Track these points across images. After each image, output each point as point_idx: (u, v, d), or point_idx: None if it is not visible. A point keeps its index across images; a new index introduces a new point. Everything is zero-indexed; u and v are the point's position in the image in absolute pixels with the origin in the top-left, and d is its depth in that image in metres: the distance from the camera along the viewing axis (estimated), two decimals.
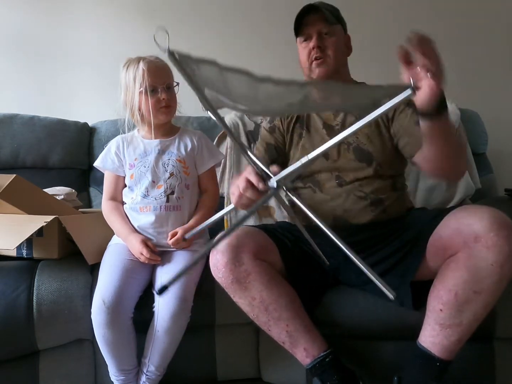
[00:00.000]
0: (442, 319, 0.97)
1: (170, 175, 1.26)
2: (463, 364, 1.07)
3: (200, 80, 0.69)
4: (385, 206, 1.18)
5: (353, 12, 2.10)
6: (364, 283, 1.13)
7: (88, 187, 1.84)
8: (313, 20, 1.22)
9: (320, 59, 1.22)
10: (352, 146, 1.21)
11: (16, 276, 1.19)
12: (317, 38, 1.22)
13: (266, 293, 1.05)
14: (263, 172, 0.88)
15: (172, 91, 1.27)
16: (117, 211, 1.28)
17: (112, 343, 1.11)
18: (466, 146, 1.09)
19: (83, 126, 1.87)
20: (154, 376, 1.15)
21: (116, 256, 1.22)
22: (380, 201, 1.18)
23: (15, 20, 2.02)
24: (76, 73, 2.05)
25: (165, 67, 1.27)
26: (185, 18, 2.07)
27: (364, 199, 1.17)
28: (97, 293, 1.12)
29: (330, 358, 1.06)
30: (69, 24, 2.04)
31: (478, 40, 2.13)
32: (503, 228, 0.92)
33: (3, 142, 1.74)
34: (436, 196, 1.77)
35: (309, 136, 1.27)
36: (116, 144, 1.32)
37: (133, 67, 1.23)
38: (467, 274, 0.94)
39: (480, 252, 0.92)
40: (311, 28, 1.23)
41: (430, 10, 2.12)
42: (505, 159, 2.08)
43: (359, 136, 1.21)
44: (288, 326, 1.07)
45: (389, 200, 1.19)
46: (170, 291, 1.12)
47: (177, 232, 1.22)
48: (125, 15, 2.06)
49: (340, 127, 1.24)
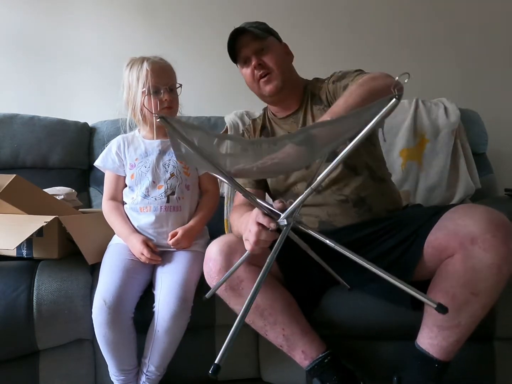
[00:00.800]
0: (440, 321, 0.97)
1: (170, 176, 1.26)
2: (463, 365, 1.07)
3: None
4: (368, 204, 1.15)
5: (353, 12, 2.12)
6: (363, 283, 1.13)
7: (88, 187, 1.84)
8: (244, 42, 1.21)
9: (265, 76, 1.21)
10: None
11: (16, 276, 1.19)
12: (255, 58, 1.21)
13: (260, 298, 1.05)
14: (271, 212, 0.88)
15: (174, 92, 1.27)
16: (117, 211, 1.28)
17: (112, 343, 1.11)
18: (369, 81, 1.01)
19: (83, 126, 1.87)
20: (154, 376, 1.15)
21: (116, 256, 1.22)
22: (362, 200, 1.15)
23: (15, 20, 2.02)
24: (76, 73, 2.05)
25: (169, 68, 1.27)
26: (185, 18, 2.07)
27: (346, 202, 1.15)
28: (98, 293, 1.12)
29: (329, 359, 1.06)
30: (69, 24, 2.04)
31: (478, 40, 2.13)
32: (500, 229, 0.91)
33: (3, 142, 1.74)
34: (436, 196, 1.77)
35: None
36: (117, 144, 1.32)
37: (137, 67, 1.23)
38: (464, 276, 0.93)
39: (477, 254, 0.92)
40: (246, 50, 1.22)
41: (430, 10, 2.13)
42: (505, 159, 2.08)
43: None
44: (285, 330, 1.07)
45: (371, 197, 1.16)
46: (170, 291, 1.12)
47: (177, 233, 1.22)
48: (125, 15, 2.06)
49: None
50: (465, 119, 1.84)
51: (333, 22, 2.09)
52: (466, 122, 1.84)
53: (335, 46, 2.08)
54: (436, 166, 1.78)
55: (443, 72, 2.11)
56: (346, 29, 2.11)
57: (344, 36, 2.11)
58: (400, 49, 2.11)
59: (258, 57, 1.21)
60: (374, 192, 1.17)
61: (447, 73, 2.12)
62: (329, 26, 2.09)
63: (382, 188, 1.20)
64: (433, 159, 1.79)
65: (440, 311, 0.76)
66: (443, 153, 1.78)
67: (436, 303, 0.76)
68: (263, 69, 1.21)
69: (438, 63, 2.10)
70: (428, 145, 1.80)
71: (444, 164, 1.78)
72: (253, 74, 1.23)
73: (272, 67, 1.21)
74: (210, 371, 0.68)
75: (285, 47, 1.30)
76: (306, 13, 2.05)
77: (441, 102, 1.87)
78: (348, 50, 2.10)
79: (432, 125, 1.81)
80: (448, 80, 2.12)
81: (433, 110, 1.85)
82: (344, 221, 1.15)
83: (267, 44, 1.22)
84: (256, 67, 1.21)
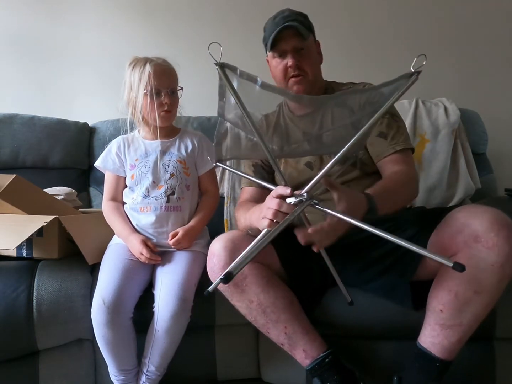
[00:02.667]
0: (442, 319, 0.97)
1: (170, 176, 1.26)
2: (463, 364, 1.07)
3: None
4: None
5: (353, 12, 2.12)
6: (364, 282, 1.13)
7: (88, 187, 1.84)
8: (287, 35, 1.17)
9: (298, 77, 1.19)
10: None
11: (16, 276, 1.19)
12: (293, 56, 1.18)
13: (263, 295, 1.05)
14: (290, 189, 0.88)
15: (175, 95, 1.27)
16: (117, 212, 1.28)
17: (112, 343, 1.11)
18: (410, 177, 1.14)
19: (83, 126, 1.87)
20: (154, 376, 1.15)
21: (116, 256, 1.22)
22: None
23: (15, 21, 2.02)
24: (76, 73, 2.05)
25: (171, 71, 1.27)
26: (184, 18, 2.07)
27: None
28: (97, 293, 1.11)
29: (329, 359, 1.06)
30: (69, 24, 2.05)
31: (478, 40, 2.13)
32: (503, 228, 0.92)
33: (3, 142, 1.74)
34: (436, 196, 1.77)
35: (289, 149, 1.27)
36: (117, 144, 1.32)
37: (139, 68, 1.23)
38: (468, 275, 0.93)
39: (481, 253, 0.92)
40: (286, 45, 1.18)
41: (431, 10, 2.13)
42: (505, 159, 2.08)
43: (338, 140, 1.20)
44: (287, 328, 1.07)
45: None
46: (170, 291, 1.12)
47: (178, 233, 1.22)
48: (125, 16, 2.07)
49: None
50: (465, 119, 1.84)
51: (333, 22, 2.09)
52: (466, 122, 1.84)
53: (335, 46, 2.08)
54: (436, 166, 1.78)
55: (443, 72, 2.11)
56: (346, 29, 2.11)
57: (344, 36, 2.11)
58: (400, 49, 2.11)
59: (296, 56, 1.19)
60: None
61: (447, 73, 2.12)
62: (329, 26, 2.09)
63: None
64: (433, 159, 1.79)
65: (458, 268, 0.72)
66: (443, 153, 1.78)
67: (452, 262, 0.73)
68: (298, 70, 1.19)
69: (438, 63, 2.10)
70: (428, 145, 1.80)
71: (444, 164, 1.78)
72: (285, 71, 1.20)
73: (307, 71, 1.20)
74: (222, 276, 0.71)
75: (318, 45, 1.28)
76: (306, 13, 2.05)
77: (441, 102, 1.87)
78: (348, 50, 2.10)
79: (432, 125, 1.81)
80: (448, 80, 2.12)
81: (433, 110, 1.85)
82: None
83: (307, 45, 1.20)
84: (292, 67, 1.19)
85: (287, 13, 1.21)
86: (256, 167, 1.31)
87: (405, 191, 1.10)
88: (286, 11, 1.21)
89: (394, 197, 1.04)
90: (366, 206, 0.93)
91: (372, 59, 2.10)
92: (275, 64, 1.23)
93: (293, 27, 1.17)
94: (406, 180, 1.11)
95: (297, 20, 1.18)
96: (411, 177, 1.14)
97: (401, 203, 1.11)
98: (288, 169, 1.26)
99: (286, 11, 1.21)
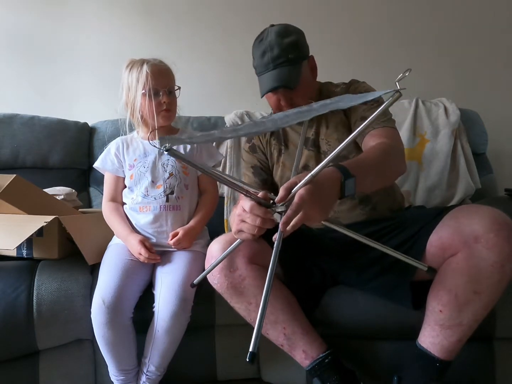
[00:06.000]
0: (442, 319, 0.97)
1: (169, 175, 1.26)
2: (463, 364, 1.07)
3: None
4: (373, 203, 1.18)
5: (353, 12, 2.12)
6: (364, 282, 1.13)
7: (88, 187, 1.84)
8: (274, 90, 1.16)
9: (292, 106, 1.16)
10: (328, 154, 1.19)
11: (16, 276, 1.19)
12: (286, 100, 1.17)
13: (261, 296, 1.05)
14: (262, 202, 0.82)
15: (173, 95, 1.28)
16: (117, 212, 1.28)
17: (112, 343, 1.11)
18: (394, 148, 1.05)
19: (83, 126, 1.87)
20: (154, 376, 1.15)
21: (116, 256, 1.22)
22: (368, 198, 1.17)
23: (15, 21, 2.02)
24: (76, 74, 2.05)
25: (168, 71, 1.28)
26: (184, 19, 2.07)
27: (351, 198, 1.16)
28: (97, 293, 1.12)
29: (329, 359, 1.06)
30: (70, 25, 2.04)
31: (478, 40, 2.13)
32: (503, 228, 0.91)
33: (3, 142, 1.74)
34: (436, 196, 1.77)
35: (288, 152, 1.27)
36: (116, 145, 1.32)
37: (137, 69, 1.24)
38: (467, 275, 0.94)
39: (480, 253, 0.92)
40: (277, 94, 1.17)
41: (431, 10, 2.13)
42: (505, 159, 2.08)
43: (331, 142, 1.20)
44: (286, 329, 1.07)
45: (377, 196, 1.18)
46: (170, 291, 1.12)
47: (178, 233, 1.22)
48: (125, 17, 2.06)
49: (315, 137, 1.23)
50: (465, 119, 1.84)
51: (332, 22, 2.09)
52: (466, 122, 1.84)
53: (334, 47, 2.08)
54: (436, 166, 1.78)
55: (443, 72, 2.11)
56: (345, 29, 2.11)
57: (343, 36, 2.11)
58: (400, 49, 2.11)
59: (288, 95, 1.17)
60: (380, 191, 1.18)
61: (447, 73, 2.12)
62: (328, 26, 2.09)
63: (387, 189, 1.22)
64: (433, 159, 1.79)
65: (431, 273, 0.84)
66: (443, 153, 1.78)
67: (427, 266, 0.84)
68: (291, 106, 1.16)
69: (438, 63, 2.10)
70: (428, 145, 1.80)
71: (444, 164, 1.78)
72: (279, 105, 1.19)
73: (300, 103, 1.13)
74: (248, 359, 0.63)
75: (311, 61, 1.24)
76: (305, 13, 2.05)
77: (441, 102, 1.87)
78: (347, 50, 2.10)
79: (432, 125, 1.81)
80: (448, 80, 2.12)
81: (433, 110, 1.85)
82: (349, 219, 1.16)
83: (298, 85, 1.16)
84: (286, 107, 1.17)
85: (276, 51, 1.14)
86: (255, 168, 1.31)
87: (388, 162, 1.00)
88: (275, 47, 1.14)
89: (376, 169, 0.95)
90: (339, 174, 0.83)
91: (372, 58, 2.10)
92: (268, 97, 1.21)
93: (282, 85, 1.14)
94: (388, 150, 1.02)
95: (288, 61, 1.14)
96: (394, 148, 1.05)
97: (387, 177, 1.03)
98: (286, 172, 1.26)
99: (275, 47, 1.14)
